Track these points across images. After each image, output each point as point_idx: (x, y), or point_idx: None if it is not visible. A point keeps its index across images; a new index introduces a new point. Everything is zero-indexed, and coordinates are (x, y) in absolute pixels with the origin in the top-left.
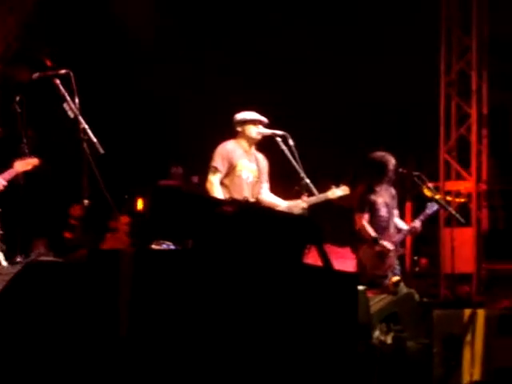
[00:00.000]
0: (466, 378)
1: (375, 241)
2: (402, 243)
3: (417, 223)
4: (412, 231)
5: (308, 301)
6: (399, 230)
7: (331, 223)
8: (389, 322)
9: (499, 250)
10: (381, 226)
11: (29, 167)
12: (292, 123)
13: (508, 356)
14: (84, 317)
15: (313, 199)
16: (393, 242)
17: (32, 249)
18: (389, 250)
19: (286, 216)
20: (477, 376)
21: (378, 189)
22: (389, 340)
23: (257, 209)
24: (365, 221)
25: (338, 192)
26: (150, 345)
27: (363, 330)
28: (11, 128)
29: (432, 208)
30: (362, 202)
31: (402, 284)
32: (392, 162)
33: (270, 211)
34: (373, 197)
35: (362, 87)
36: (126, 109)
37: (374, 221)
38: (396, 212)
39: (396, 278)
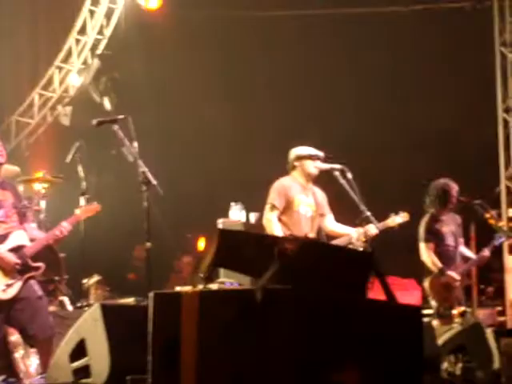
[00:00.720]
0: None
1: (442, 272)
2: (468, 273)
3: (486, 252)
4: (480, 261)
5: (373, 335)
6: (466, 260)
7: (394, 255)
8: (457, 353)
9: None
10: (447, 256)
11: (90, 214)
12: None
13: None
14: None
15: (381, 225)
16: (459, 273)
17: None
18: (455, 281)
19: (346, 250)
20: None
21: (443, 217)
22: (458, 371)
23: (317, 244)
24: (430, 251)
25: (397, 219)
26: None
27: (431, 363)
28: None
29: (499, 239)
30: (427, 231)
31: (468, 314)
32: (455, 188)
33: (330, 246)
34: (438, 226)
35: (419, 114)
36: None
37: (440, 250)
38: (461, 240)
39: (462, 309)
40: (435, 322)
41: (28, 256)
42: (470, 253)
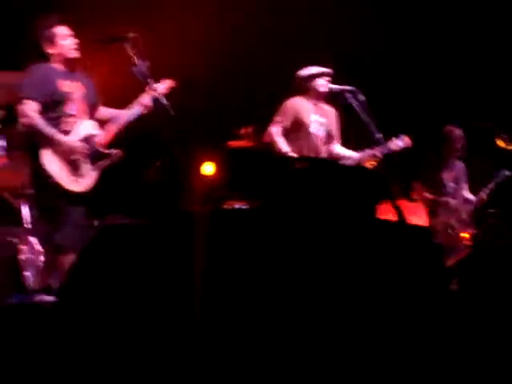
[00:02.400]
0: None
1: (435, 201)
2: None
3: (483, 195)
4: (478, 203)
5: (382, 256)
6: (466, 202)
7: (402, 179)
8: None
9: None
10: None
11: (167, 91)
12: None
13: None
14: (160, 278)
15: (381, 149)
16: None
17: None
18: (450, 205)
19: (356, 171)
20: None
21: (446, 163)
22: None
23: (327, 164)
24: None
25: (399, 143)
26: (225, 305)
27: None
28: None
29: (501, 176)
30: (426, 176)
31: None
32: (456, 132)
33: (340, 167)
34: (439, 172)
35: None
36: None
37: (439, 195)
38: (465, 186)
39: (468, 234)
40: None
41: (100, 144)
42: (472, 197)
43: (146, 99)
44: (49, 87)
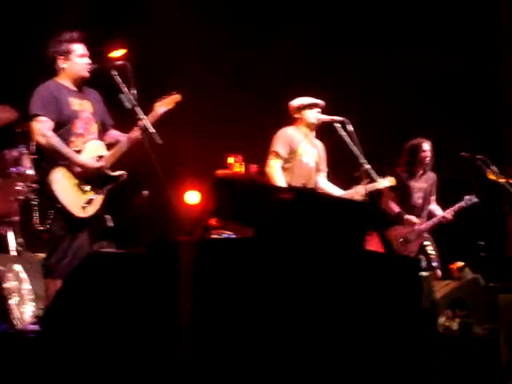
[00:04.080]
0: None
1: (400, 216)
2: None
3: (448, 213)
4: (442, 221)
5: (370, 287)
6: (431, 217)
7: None
8: (455, 308)
9: None
10: (411, 212)
11: (171, 106)
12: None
13: None
14: (145, 308)
15: (369, 187)
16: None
17: None
18: (413, 224)
19: (346, 202)
20: None
21: (415, 174)
22: (455, 326)
23: (316, 195)
24: (390, 200)
25: (385, 183)
26: (213, 335)
27: (428, 317)
28: None
29: (469, 201)
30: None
31: (466, 269)
32: (424, 145)
33: (329, 197)
34: (408, 180)
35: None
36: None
37: (406, 205)
38: (433, 198)
39: (460, 264)
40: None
41: (107, 166)
42: (440, 211)
43: (134, 133)
44: (59, 105)
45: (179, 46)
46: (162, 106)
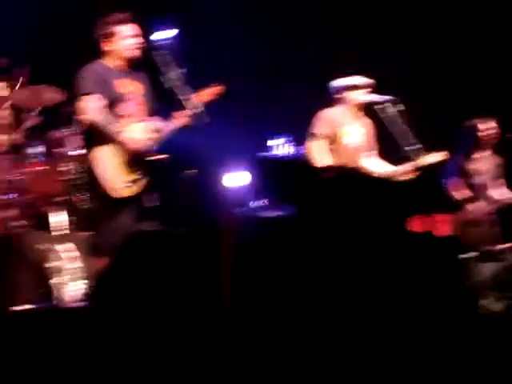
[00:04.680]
0: None
1: (463, 203)
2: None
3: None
4: (509, 203)
5: (411, 267)
6: (497, 200)
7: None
8: (500, 290)
9: None
10: (479, 193)
11: (213, 97)
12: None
13: None
14: (188, 285)
15: (420, 161)
16: (484, 209)
17: None
18: (478, 213)
19: (387, 183)
20: None
21: (475, 156)
22: (500, 307)
23: (357, 175)
24: (451, 186)
25: (435, 157)
26: (252, 311)
27: (473, 298)
28: None
29: None
30: (453, 168)
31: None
32: (483, 125)
33: (370, 177)
34: (468, 164)
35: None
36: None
37: (473, 187)
38: (500, 182)
39: (504, 245)
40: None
41: (150, 148)
42: (506, 193)
43: (184, 114)
44: (104, 86)
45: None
46: (205, 95)
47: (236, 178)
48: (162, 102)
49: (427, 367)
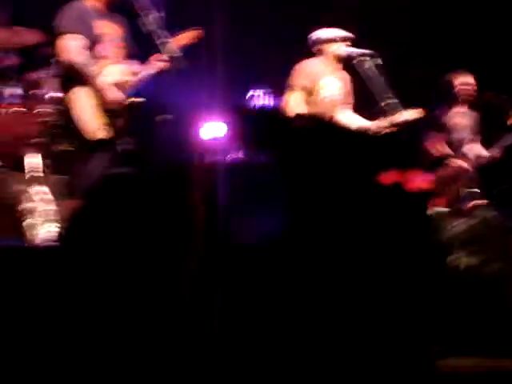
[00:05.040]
0: None
1: (445, 160)
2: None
3: (495, 151)
4: (490, 159)
5: (379, 219)
6: (477, 157)
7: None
8: (471, 245)
9: None
10: (453, 150)
11: (191, 40)
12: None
13: None
14: (158, 226)
15: (396, 118)
16: (467, 165)
17: None
18: (462, 170)
19: (362, 135)
20: None
21: (454, 111)
22: (470, 262)
23: (333, 125)
24: (435, 142)
25: (413, 114)
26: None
27: (444, 253)
28: None
29: (508, 140)
30: (433, 122)
31: (484, 207)
32: (459, 79)
33: (346, 129)
34: (447, 118)
35: None
36: None
37: (447, 143)
38: (477, 138)
39: (478, 202)
40: (449, 216)
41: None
42: (483, 150)
43: (161, 58)
44: (84, 26)
45: None
46: (183, 38)
47: (213, 128)
48: (140, 47)
49: (393, 321)
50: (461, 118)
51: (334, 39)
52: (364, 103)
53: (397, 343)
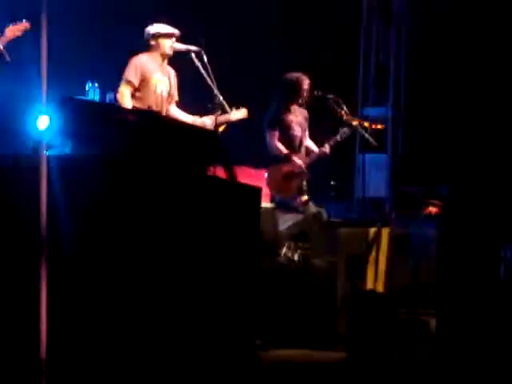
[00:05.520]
0: None
1: (287, 157)
2: (312, 167)
3: (326, 148)
4: (321, 155)
5: (210, 212)
6: (309, 153)
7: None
8: (297, 241)
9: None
10: (292, 146)
11: (18, 33)
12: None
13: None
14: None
15: (221, 118)
16: (303, 163)
17: None
18: (300, 168)
19: (191, 128)
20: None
21: (292, 108)
22: (296, 257)
23: (160, 118)
24: (276, 138)
25: (238, 114)
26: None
27: (270, 247)
28: None
29: (344, 134)
30: (274, 119)
31: (310, 203)
32: (306, 81)
33: (175, 122)
34: (286, 115)
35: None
36: None
37: (286, 139)
38: (307, 134)
39: (305, 198)
40: (277, 211)
41: None
42: (314, 147)
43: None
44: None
45: None
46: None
47: (40, 121)
48: None
49: (219, 315)
50: (296, 115)
51: (160, 35)
52: (195, 99)
53: (222, 337)
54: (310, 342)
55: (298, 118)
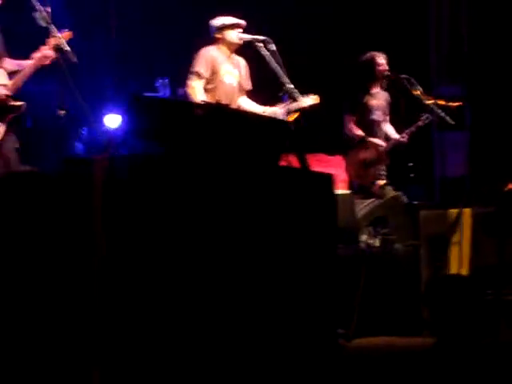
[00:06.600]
0: None
1: (364, 139)
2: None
3: (405, 137)
4: (399, 143)
5: (284, 202)
6: (388, 139)
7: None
8: (376, 226)
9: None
10: (370, 130)
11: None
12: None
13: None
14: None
15: (292, 106)
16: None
17: None
18: (379, 147)
19: (260, 119)
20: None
21: (373, 91)
22: (376, 243)
23: (228, 110)
24: (353, 123)
25: (308, 101)
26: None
27: (350, 234)
28: None
29: (426, 120)
30: (353, 104)
31: (388, 187)
32: (381, 56)
33: (244, 114)
34: (367, 99)
35: None
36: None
37: (365, 124)
38: (388, 118)
39: (382, 182)
40: (355, 198)
41: (8, 94)
42: (394, 132)
43: (46, 50)
44: None
45: None
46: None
47: (112, 120)
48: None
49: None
50: (376, 98)
51: (226, 26)
52: (266, 89)
53: (303, 328)
54: (394, 329)
55: (379, 101)
